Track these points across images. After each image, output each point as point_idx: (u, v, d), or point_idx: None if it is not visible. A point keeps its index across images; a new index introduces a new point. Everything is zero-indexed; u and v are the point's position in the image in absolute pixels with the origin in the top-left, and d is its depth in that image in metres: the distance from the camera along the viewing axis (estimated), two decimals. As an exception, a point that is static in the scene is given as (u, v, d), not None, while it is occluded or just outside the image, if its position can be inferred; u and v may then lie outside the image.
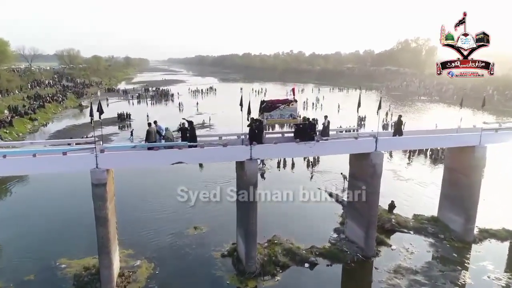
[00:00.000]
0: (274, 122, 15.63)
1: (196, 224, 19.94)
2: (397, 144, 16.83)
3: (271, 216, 20.65)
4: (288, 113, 15.58)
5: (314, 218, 20.95)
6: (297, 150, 15.11)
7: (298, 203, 21.84)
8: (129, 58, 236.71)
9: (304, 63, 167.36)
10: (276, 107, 15.41)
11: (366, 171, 16.21)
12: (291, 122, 15.88)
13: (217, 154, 14.32)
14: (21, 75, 79.35)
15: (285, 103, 15.51)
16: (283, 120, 15.66)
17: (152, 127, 14.29)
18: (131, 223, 19.54)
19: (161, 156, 13.74)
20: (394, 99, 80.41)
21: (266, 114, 15.33)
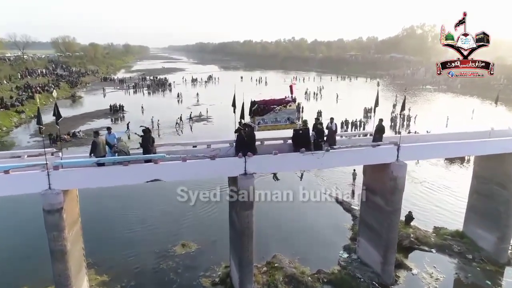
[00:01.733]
0: (268, 129, 12.56)
1: (184, 240, 17.31)
2: (424, 152, 13.87)
3: (271, 228, 18.20)
4: (285, 116, 12.56)
5: (320, 230, 18.37)
6: (303, 162, 12.30)
7: (302, 211, 19.55)
8: (129, 46, 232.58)
9: (306, 51, 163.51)
10: (270, 110, 12.34)
11: (385, 185, 13.45)
12: (289, 128, 12.78)
13: (203, 168, 11.52)
14: (11, 64, 76.27)
15: (281, 104, 12.51)
16: (279, 125, 12.58)
17: (100, 138, 11.35)
18: (105, 243, 16.86)
19: (133, 172, 11.01)
20: (398, 88, 77.13)
21: (258, 119, 12.33)
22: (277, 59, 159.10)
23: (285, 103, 12.54)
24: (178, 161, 11.32)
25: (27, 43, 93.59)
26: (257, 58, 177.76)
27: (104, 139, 11.38)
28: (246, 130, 11.93)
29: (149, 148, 11.33)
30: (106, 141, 11.36)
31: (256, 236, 12.64)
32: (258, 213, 12.82)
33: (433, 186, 24.38)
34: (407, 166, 13.28)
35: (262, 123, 12.30)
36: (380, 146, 13.12)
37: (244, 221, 11.94)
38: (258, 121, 12.28)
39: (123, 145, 11.33)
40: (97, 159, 10.72)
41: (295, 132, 12.71)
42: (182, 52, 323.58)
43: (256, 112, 12.30)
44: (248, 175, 11.72)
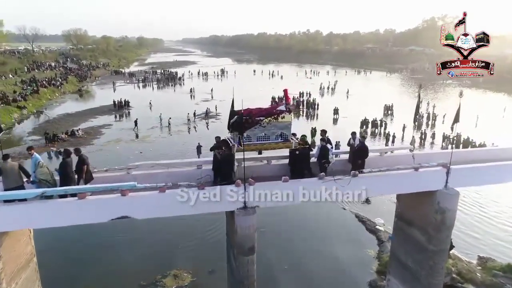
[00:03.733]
0: (252, 149, 9.47)
1: (177, 268, 14.56)
2: (481, 177, 10.56)
3: (277, 249, 15.27)
4: (276, 131, 9.48)
5: (338, 256, 15.40)
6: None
7: (314, 228, 16.83)
8: (142, 39, 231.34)
9: (321, 43, 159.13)
10: (255, 122, 9.22)
11: (428, 218, 10.36)
12: (282, 147, 9.69)
13: (187, 201, 8.61)
14: (20, 57, 74.82)
15: (271, 114, 9.41)
16: (267, 144, 9.49)
17: (10, 164, 8.31)
18: (80, 275, 13.98)
19: (91, 208, 8.19)
20: (416, 83, 72.83)
21: (239, 135, 9.21)
22: (292, 52, 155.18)
23: (277, 113, 9.43)
24: (154, 192, 8.46)
25: (37, 36, 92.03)
26: (271, 51, 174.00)
27: (17, 165, 8.40)
28: (221, 151, 9.01)
29: (70, 177, 8.41)
30: (20, 167, 8.39)
31: (259, 263, 9.79)
32: (261, 226, 10.17)
33: (479, 205, 20.09)
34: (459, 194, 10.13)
35: (244, 140, 9.15)
36: (424, 168, 9.94)
37: (243, 269, 9.05)
38: (239, 137, 9.19)
39: (43, 173, 8.35)
40: (41, 191, 7.90)
41: (291, 153, 9.74)
42: (195, 45, 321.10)
43: (236, 126, 9.16)
44: (249, 210, 8.79)
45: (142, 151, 29.31)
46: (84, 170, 8.66)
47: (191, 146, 28.25)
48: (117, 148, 30.69)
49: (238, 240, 8.85)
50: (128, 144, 31.89)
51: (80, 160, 8.67)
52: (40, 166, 8.36)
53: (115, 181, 9.19)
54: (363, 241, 16.68)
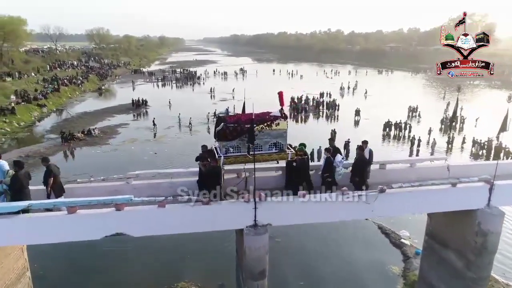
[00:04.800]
0: (240, 161, 8.41)
1: (185, 280, 13.64)
2: None
3: (292, 265, 14.16)
4: (270, 140, 8.35)
5: (358, 272, 14.12)
6: (344, 209, 8.09)
7: (331, 238, 15.62)
8: (164, 38, 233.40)
9: (342, 43, 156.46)
10: (245, 130, 8.11)
11: (466, 240, 9.04)
12: (276, 159, 8.58)
13: (190, 218, 7.65)
14: (44, 56, 76.04)
15: (264, 121, 8.32)
16: (259, 155, 8.32)
17: None
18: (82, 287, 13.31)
19: (82, 224, 7.31)
20: (444, 83, 69.92)
21: (226, 145, 8.21)
22: (312, 51, 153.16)
23: (270, 120, 8.32)
24: (152, 207, 7.51)
25: (60, 35, 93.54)
26: (291, 50, 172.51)
27: None
28: (206, 163, 7.97)
29: (22, 193, 7.40)
30: None
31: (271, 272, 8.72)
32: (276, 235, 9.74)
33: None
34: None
35: (232, 151, 8.08)
36: (462, 184, 8.62)
37: (252, 294, 7.99)
38: (226, 148, 8.13)
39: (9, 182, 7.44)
40: (26, 204, 7.06)
41: (287, 164, 8.63)
42: (216, 44, 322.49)
43: (222, 135, 8.13)
44: (260, 228, 7.73)
45: (156, 152, 28.69)
46: (50, 182, 7.75)
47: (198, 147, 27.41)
48: (132, 148, 30.18)
49: (247, 262, 7.81)
50: (143, 144, 31.35)
51: (47, 172, 7.77)
52: (9, 176, 7.52)
53: (113, 191, 8.33)
54: (386, 256, 15.32)
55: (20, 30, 53.21)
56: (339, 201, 7.91)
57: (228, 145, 8.17)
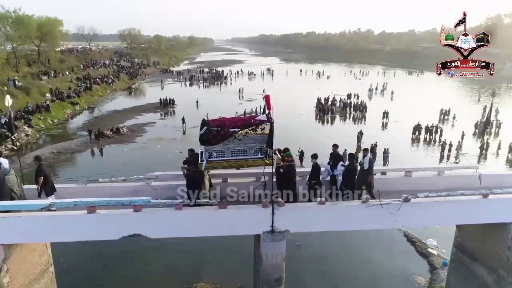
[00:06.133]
0: (224, 165, 8.20)
1: (204, 280, 13.65)
2: None
3: (312, 272, 13.81)
4: (254, 146, 8.05)
5: (381, 282, 13.66)
6: (366, 218, 7.80)
7: (355, 247, 15.26)
8: (193, 38, 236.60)
9: (373, 42, 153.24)
10: (229, 134, 7.91)
11: (497, 255, 8.52)
12: (261, 164, 8.21)
13: (207, 221, 7.60)
14: (78, 55, 78.79)
15: (249, 125, 8.05)
16: (244, 160, 8.07)
17: None
18: (103, 284, 13.28)
19: (102, 223, 7.41)
20: (480, 85, 67.03)
21: (209, 149, 8.01)
22: (341, 52, 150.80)
23: (255, 124, 8.04)
24: (170, 209, 7.51)
25: (94, 35, 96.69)
26: (319, 50, 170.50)
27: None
28: (188, 167, 7.82)
29: (2, 193, 7.27)
30: None
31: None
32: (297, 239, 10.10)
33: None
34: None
35: (215, 156, 7.90)
36: (494, 195, 8.12)
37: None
38: (209, 152, 7.94)
39: (9, 181, 7.39)
40: (48, 203, 7.22)
41: (276, 170, 8.29)
42: (244, 44, 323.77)
43: (206, 138, 7.96)
44: (277, 234, 7.58)
45: (181, 151, 28.97)
46: (41, 181, 7.84)
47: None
48: (158, 146, 30.70)
49: (263, 269, 7.68)
50: (169, 142, 31.83)
51: (38, 171, 7.88)
52: (9, 173, 7.64)
53: (132, 192, 8.43)
54: (411, 265, 14.74)
55: (56, 31, 55.32)
56: (361, 210, 7.64)
57: (211, 150, 8.00)
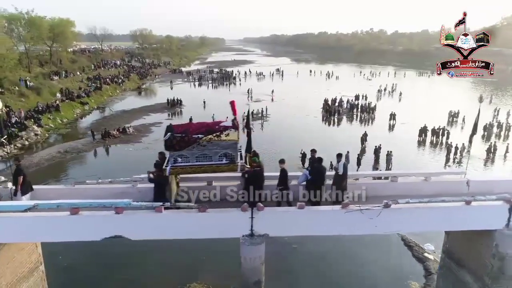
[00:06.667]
0: (188, 171, 8.26)
1: (198, 280, 13.77)
2: None
3: (306, 275, 13.77)
4: (219, 151, 8.08)
5: (374, 285, 13.57)
6: (346, 224, 7.80)
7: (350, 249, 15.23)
8: (204, 38, 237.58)
9: (384, 43, 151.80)
10: (192, 140, 7.99)
11: (483, 262, 8.42)
12: (226, 171, 8.28)
13: (187, 224, 7.70)
14: (90, 56, 79.96)
15: (213, 131, 8.14)
16: (207, 167, 8.09)
17: None
18: (95, 284, 13.45)
19: (85, 224, 7.58)
20: (489, 87, 65.81)
21: (174, 155, 8.09)
22: (352, 52, 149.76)
23: (220, 130, 8.13)
24: (150, 212, 7.63)
25: (106, 36, 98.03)
26: (330, 50, 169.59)
27: None
28: (156, 172, 8.00)
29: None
30: None
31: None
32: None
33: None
34: None
35: (180, 161, 7.99)
36: (477, 202, 8.03)
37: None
38: (174, 158, 8.04)
39: None
40: (32, 203, 7.43)
41: (243, 175, 8.36)
42: (256, 44, 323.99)
43: (169, 145, 8.13)
44: (256, 238, 7.64)
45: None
46: (20, 181, 8.09)
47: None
48: (162, 147, 30.92)
49: (242, 272, 7.76)
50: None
51: (17, 171, 8.16)
52: None
53: (118, 194, 8.59)
54: (407, 270, 14.59)
55: (68, 31, 56.28)
56: (340, 215, 7.64)
57: (176, 155, 8.09)
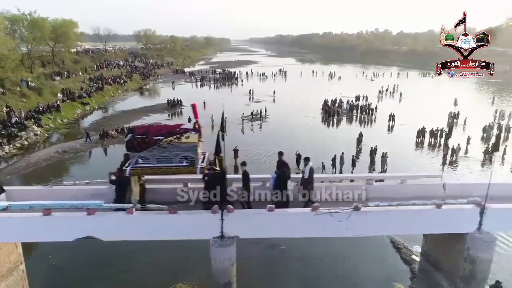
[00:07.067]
0: (148, 173, 8.46)
1: (183, 280, 13.83)
2: None
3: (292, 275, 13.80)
4: (180, 153, 8.24)
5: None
6: (314, 226, 7.84)
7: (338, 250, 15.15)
8: (209, 38, 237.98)
9: (389, 43, 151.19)
10: (153, 142, 8.18)
11: (456, 265, 8.41)
12: (185, 173, 8.50)
13: (157, 226, 7.80)
14: (93, 56, 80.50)
15: (173, 134, 8.36)
16: (168, 168, 8.28)
17: None
18: (77, 284, 13.45)
19: (58, 225, 7.71)
20: (494, 87, 65.23)
21: (134, 156, 8.23)
22: (357, 52, 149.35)
23: (180, 132, 8.34)
24: (121, 213, 7.74)
25: (110, 36, 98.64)
26: (334, 51, 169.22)
27: None
28: (116, 173, 8.17)
29: None
30: None
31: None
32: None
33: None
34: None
35: (140, 162, 8.15)
36: (448, 206, 8.03)
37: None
38: (135, 159, 8.18)
39: None
40: (6, 204, 7.56)
41: (204, 178, 8.55)
42: (261, 45, 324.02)
43: (130, 146, 8.27)
44: (226, 240, 7.71)
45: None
46: None
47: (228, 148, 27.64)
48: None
49: (212, 273, 7.83)
50: (169, 143, 32.18)
51: None
52: None
53: (95, 195, 8.68)
54: (393, 272, 14.51)
55: (70, 32, 56.75)
56: (310, 217, 7.69)
57: (137, 156, 8.25)
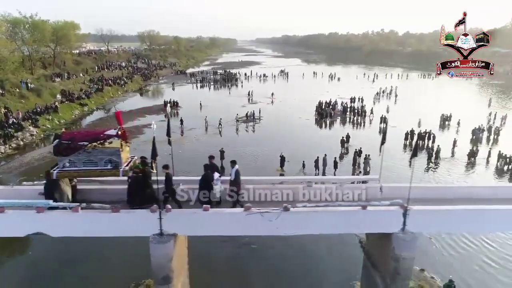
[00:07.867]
0: (75, 175, 9.19)
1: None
2: (451, 222, 8.71)
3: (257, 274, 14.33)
4: (104, 157, 8.99)
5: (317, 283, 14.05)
6: (247, 225, 8.42)
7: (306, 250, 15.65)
8: (215, 39, 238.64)
9: (393, 44, 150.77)
10: (78, 147, 8.90)
11: (386, 264, 8.92)
12: (109, 175, 9.25)
13: (101, 223, 8.44)
14: (95, 57, 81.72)
15: (97, 139, 9.08)
16: (92, 171, 9.02)
17: None
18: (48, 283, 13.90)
19: (10, 221, 8.38)
20: (495, 89, 65.00)
21: (62, 160, 8.97)
22: (361, 53, 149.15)
23: (103, 138, 9.04)
24: (68, 211, 8.39)
25: (112, 37, 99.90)
26: (340, 51, 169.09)
27: None
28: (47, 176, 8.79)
29: None
30: None
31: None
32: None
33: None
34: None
35: (68, 165, 8.87)
36: (375, 207, 8.55)
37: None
38: (63, 163, 8.90)
39: None
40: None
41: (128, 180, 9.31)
42: (267, 45, 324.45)
43: (57, 151, 8.99)
44: (165, 237, 8.31)
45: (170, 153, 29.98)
46: None
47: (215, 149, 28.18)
48: (150, 148, 31.81)
49: (152, 268, 8.44)
50: (161, 144, 32.64)
51: None
52: None
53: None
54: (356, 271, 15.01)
55: (71, 34, 57.86)
56: (242, 217, 8.26)
57: (64, 160, 8.94)
